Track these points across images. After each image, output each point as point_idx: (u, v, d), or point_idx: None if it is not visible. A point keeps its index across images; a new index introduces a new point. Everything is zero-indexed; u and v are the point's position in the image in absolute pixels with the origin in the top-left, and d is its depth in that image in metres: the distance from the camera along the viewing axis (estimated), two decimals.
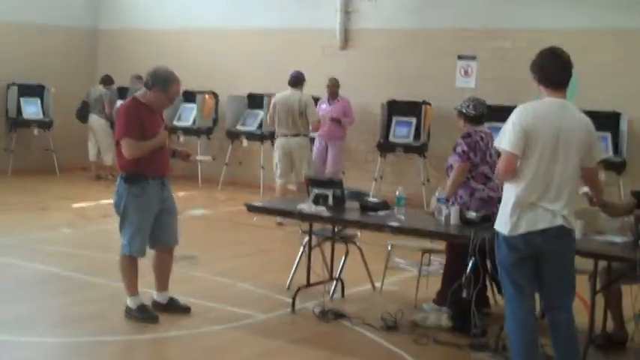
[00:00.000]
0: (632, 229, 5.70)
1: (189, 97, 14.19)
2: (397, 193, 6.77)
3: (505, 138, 4.90)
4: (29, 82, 14.56)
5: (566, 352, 5.00)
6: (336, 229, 7.14)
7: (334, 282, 7.21)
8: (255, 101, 13.73)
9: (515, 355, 5.02)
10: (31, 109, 14.55)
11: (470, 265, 5.95)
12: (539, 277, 4.98)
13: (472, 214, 6.18)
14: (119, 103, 12.56)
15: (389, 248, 7.37)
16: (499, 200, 5.14)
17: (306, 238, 7.09)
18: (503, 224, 4.94)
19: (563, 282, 4.99)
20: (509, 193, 4.94)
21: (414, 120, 12.32)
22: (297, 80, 10.78)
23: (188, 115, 14.32)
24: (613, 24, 11.19)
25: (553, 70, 4.98)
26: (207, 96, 14.08)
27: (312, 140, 11.70)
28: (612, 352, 5.98)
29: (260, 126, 13.43)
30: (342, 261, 7.28)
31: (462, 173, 6.54)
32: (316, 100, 11.74)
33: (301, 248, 7.30)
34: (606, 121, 10.88)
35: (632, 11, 11.07)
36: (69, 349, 5.85)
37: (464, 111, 6.69)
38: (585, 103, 10.79)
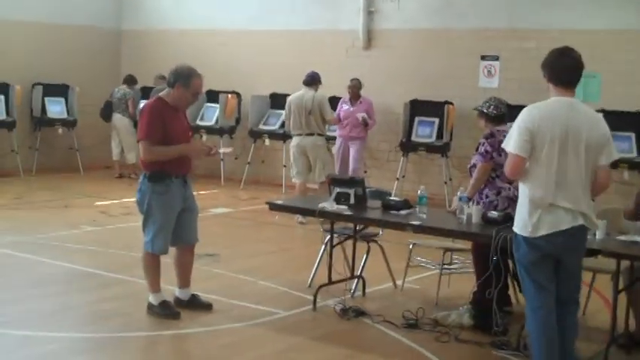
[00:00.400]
0: None
1: (212, 96, 14.28)
2: (419, 192, 6.75)
3: (512, 140, 4.92)
4: (54, 82, 14.68)
5: (568, 341, 5.05)
6: (357, 228, 7.14)
7: (355, 280, 7.23)
8: (278, 101, 13.75)
9: (536, 354, 5.01)
10: (56, 109, 14.67)
11: (492, 264, 5.94)
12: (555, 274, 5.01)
13: (494, 214, 6.16)
14: (142, 102, 12.65)
15: (410, 247, 7.37)
16: None
17: (328, 237, 7.10)
18: (522, 226, 4.94)
19: (575, 277, 5.07)
20: (525, 194, 4.95)
21: (436, 120, 12.32)
22: (312, 80, 10.77)
23: (211, 114, 14.38)
24: (636, 24, 11.13)
25: (562, 69, 4.97)
26: (229, 96, 14.14)
27: (331, 139, 11.68)
28: (634, 351, 5.95)
29: (282, 125, 13.46)
30: (364, 259, 7.29)
31: (484, 173, 6.51)
32: (337, 99, 11.70)
33: (322, 246, 7.32)
34: (631, 120, 10.86)
35: None
36: (93, 344, 5.91)
37: (485, 111, 6.67)
38: (610, 103, 10.89)
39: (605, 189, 5.09)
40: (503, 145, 5.08)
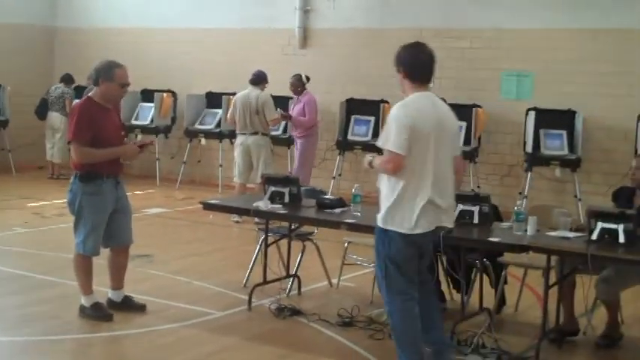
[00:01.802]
0: (585, 224, 5.78)
1: (148, 95, 14.13)
2: (353, 190, 6.76)
3: (390, 138, 4.91)
4: None
5: (438, 320, 5.28)
6: (292, 227, 7.13)
7: (291, 279, 7.22)
8: (214, 100, 13.69)
9: (405, 347, 5.05)
10: None
11: None
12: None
13: None
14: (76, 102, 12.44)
15: (345, 245, 7.38)
16: None
17: (263, 236, 7.08)
18: (399, 223, 4.93)
19: (430, 260, 5.34)
20: (401, 190, 4.94)
21: (372, 119, 12.36)
22: (258, 79, 10.70)
23: (146, 114, 14.19)
24: (569, 24, 11.33)
25: (418, 65, 5.07)
26: (165, 95, 13.99)
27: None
28: (565, 345, 6.05)
29: (218, 124, 13.39)
30: (299, 258, 7.28)
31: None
32: (273, 98, 11.57)
33: (257, 246, 7.29)
34: (562, 119, 11.04)
35: (589, 11, 11.19)
36: (22, 348, 5.79)
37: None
38: (542, 101, 11.07)
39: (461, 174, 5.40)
40: (380, 144, 5.05)
